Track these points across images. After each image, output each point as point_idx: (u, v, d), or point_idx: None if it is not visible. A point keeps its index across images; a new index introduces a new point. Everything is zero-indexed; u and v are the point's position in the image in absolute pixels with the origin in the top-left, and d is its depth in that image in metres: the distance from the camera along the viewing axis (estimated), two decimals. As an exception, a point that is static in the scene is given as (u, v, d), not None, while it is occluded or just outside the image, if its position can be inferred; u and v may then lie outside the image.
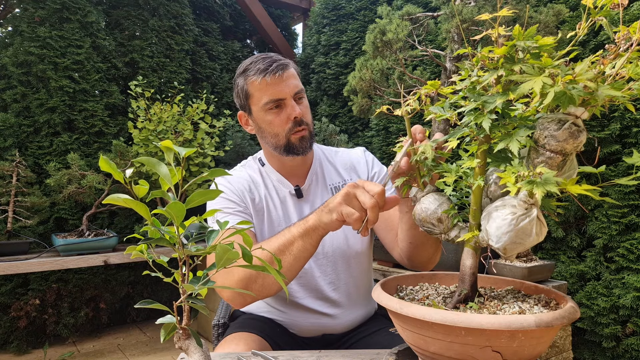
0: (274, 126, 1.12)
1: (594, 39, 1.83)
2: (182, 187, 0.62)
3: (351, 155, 1.30)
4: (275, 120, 1.11)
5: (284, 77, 1.10)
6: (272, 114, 1.11)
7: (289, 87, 1.10)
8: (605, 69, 0.53)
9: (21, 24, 2.66)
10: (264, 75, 1.08)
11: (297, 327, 1.17)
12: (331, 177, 1.24)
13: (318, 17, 3.46)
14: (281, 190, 1.20)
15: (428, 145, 0.71)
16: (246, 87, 1.13)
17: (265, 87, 1.09)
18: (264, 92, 1.10)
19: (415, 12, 1.81)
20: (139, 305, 0.62)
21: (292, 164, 1.19)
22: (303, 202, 1.20)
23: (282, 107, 1.11)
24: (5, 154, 2.54)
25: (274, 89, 1.09)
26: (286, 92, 1.10)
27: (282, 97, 1.10)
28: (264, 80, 1.08)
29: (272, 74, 1.08)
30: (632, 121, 1.70)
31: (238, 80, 1.16)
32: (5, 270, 2.11)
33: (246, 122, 1.21)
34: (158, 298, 3.24)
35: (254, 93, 1.12)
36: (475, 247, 0.66)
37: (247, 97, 1.14)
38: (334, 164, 1.28)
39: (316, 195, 1.21)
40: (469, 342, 0.56)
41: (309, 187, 1.21)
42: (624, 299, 1.69)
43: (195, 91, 3.41)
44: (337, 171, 1.26)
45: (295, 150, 1.13)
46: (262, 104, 1.10)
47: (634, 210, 1.72)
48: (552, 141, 0.56)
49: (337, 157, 1.30)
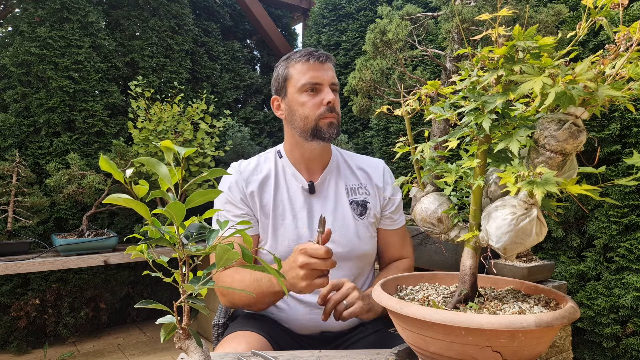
0: (306, 108, 1.17)
1: (594, 39, 1.83)
2: (182, 187, 0.62)
3: (370, 163, 1.34)
4: (309, 102, 1.17)
5: (325, 66, 1.18)
6: (307, 96, 1.17)
7: (327, 75, 1.18)
8: (605, 69, 0.53)
9: (21, 24, 2.66)
10: (307, 58, 1.17)
11: (297, 323, 1.18)
12: (347, 178, 1.28)
13: (318, 17, 3.46)
14: (293, 185, 1.23)
15: (427, 145, 0.71)
16: (287, 70, 1.20)
17: (307, 70, 1.17)
18: (304, 74, 1.17)
19: (415, 12, 1.81)
20: (139, 305, 0.62)
21: (311, 155, 1.23)
22: (314, 198, 1.23)
23: (318, 91, 1.17)
24: (5, 154, 2.54)
25: (314, 72, 1.16)
26: (324, 79, 1.17)
27: (319, 82, 1.16)
28: (307, 63, 1.17)
29: (315, 58, 1.17)
30: (632, 121, 1.70)
31: (279, 66, 1.23)
32: (5, 270, 2.11)
33: (277, 107, 1.26)
34: (158, 298, 3.24)
35: (294, 75, 1.18)
36: (475, 247, 0.66)
37: (285, 79, 1.21)
38: (351, 166, 1.31)
39: (329, 192, 1.25)
40: (469, 342, 0.56)
41: (323, 184, 1.25)
42: (624, 299, 1.69)
43: (195, 91, 3.41)
44: (354, 173, 1.30)
45: (322, 134, 1.17)
46: (300, 85, 1.17)
47: (634, 210, 1.72)
48: (552, 141, 0.56)
49: (355, 160, 1.34)
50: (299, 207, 1.21)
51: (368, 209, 1.24)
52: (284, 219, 1.19)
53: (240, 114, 3.69)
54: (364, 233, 1.22)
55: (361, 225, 1.22)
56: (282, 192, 1.22)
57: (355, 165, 1.32)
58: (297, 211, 1.20)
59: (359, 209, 1.24)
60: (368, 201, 1.25)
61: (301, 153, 1.23)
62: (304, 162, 1.24)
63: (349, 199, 1.24)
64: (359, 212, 1.23)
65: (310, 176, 1.24)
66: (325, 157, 1.26)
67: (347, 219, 1.22)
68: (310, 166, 1.24)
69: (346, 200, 1.24)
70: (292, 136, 1.23)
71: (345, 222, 1.21)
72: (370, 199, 1.26)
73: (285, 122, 1.24)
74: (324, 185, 1.25)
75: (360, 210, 1.24)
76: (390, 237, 1.29)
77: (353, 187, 1.27)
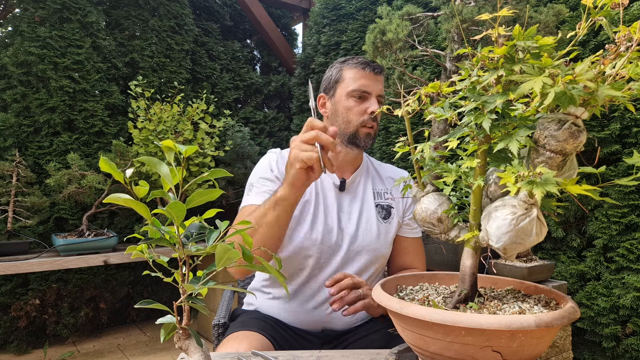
0: (350, 113, 1.22)
1: (594, 39, 1.83)
2: (182, 187, 0.62)
3: (397, 172, 1.40)
4: (355, 108, 1.22)
5: (377, 77, 1.24)
6: (354, 102, 1.22)
7: (377, 87, 1.23)
8: (605, 69, 0.53)
9: (21, 24, 2.66)
10: (363, 67, 1.22)
11: (299, 318, 1.19)
12: (375, 182, 1.33)
13: (318, 17, 3.45)
14: (326, 180, 1.27)
15: (427, 145, 0.71)
16: (341, 73, 1.25)
17: (360, 77, 1.22)
18: (356, 80, 1.22)
19: (415, 12, 1.81)
20: (139, 305, 0.62)
21: (345, 157, 1.27)
22: (344, 195, 1.27)
23: (365, 99, 1.22)
24: (5, 154, 2.54)
25: (366, 81, 1.22)
26: (374, 89, 1.22)
27: (369, 90, 1.22)
28: (362, 71, 1.22)
29: (371, 69, 1.22)
30: (632, 121, 1.70)
31: (334, 66, 1.29)
32: (5, 270, 2.11)
33: (323, 104, 1.31)
34: (158, 298, 3.24)
35: (346, 78, 1.23)
36: (475, 247, 0.66)
37: (337, 81, 1.26)
38: (379, 172, 1.37)
39: (358, 192, 1.29)
40: (469, 342, 0.56)
41: (353, 183, 1.29)
42: (624, 299, 1.69)
43: (195, 91, 3.41)
44: (381, 178, 1.35)
45: (358, 142, 1.23)
46: (350, 90, 1.22)
47: (634, 210, 1.72)
48: (552, 141, 0.56)
49: (383, 168, 1.40)
50: (330, 201, 1.25)
51: (392, 214, 1.29)
52: (318, 211, 1.22)
53: (240, 114, 3.69)
54: (385, 236, 1.26)
55: (383, 228, 1.26)
56: (317, 185, 1.26)
57: (383, 173, 1.37)
58: (328, 205, 1.24)
59: (383, 212, 1.28)
60: (392, 206, 1.30)
61: (335, 155, 1.26)
62: (338, 162, 1.28)
63: (375, 202, 1.29)
64: (383, 216, 1.28)
65: (342, 175, 1.29)
66: (357, 160, 1.31)
67: (371, 220, 1.25)
68: (343, 166, 1.29)
69: (372, 202, 1.28)
70: None
71: (369, 222, 1.25)
72: (394, 205, 1.30)
73: (326, 121, 1.29)
74: (353, 184, 1.29)
75: (384, 214, 1.28)
76: (407, 244, 1.33)
77: (379, 191, 1.31)
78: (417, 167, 0.75)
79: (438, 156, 0.74)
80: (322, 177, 1.26)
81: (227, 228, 0.65)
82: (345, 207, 1.25)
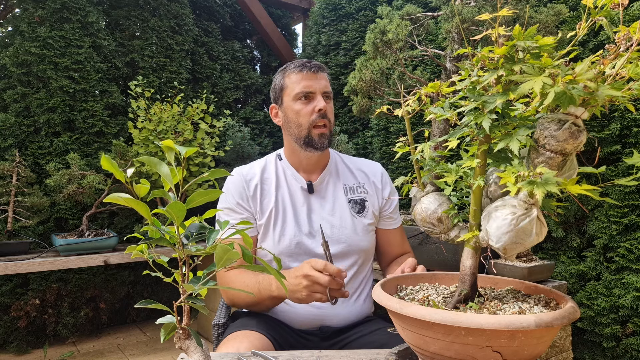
0: (299, 116, 1.24)
1: (594, 39, 1.83)
2: (182, 187, 0.62)
3: (368, 164, 1.42)
4: (302, 110, 1.24)
5: (318, 75, 1.25)
6: (301, 104, 1.24)
7: (320, 84, 1.25)
8: (605, 69, 0.53)
9: (21, 24, 2.66)
10: (301, 69, 1.25)
11: (297, 318, 1.20)
12: (346, 178, 1.35)
13: (318, 17, 3.45)
14: (293, 185, 1.30)
15: (427, 145, 0.71)
16: (283, 80, 1.28)
17: (300, 80, 1.24)
18: (298, 83, 1.24)
19: (415, 12, 1.81)
20: (139, 305, 0.62)
21: (308, 160, 1.30)
22: (313, 197, 1.30)
23: (311, 99, 1.24)
24: (5, 154, 2.54)
25: (307, 82, 1.24)
26: (317, 88, 1.24)
27: (312, 90, 1.24)
28: (301, 74, 1.24)
29: (308, 69, 1.24)
30: (632, 121, 1.70)
31: (277, 76, 1.31)
32: (5, 270, 2.11)
33: (276, 114, 1.34)
34: (158, 298, 3.24)
35: (289, 85, 1.26)
36: (475, 247, 0.66)
37: (281, 89, 1.29)
38: (349, 166, 1.39)
39: (328, 192, 1.31)
40: (469, 342, 0.56)
41: (321, 184, 1.31)
42: (624, 299, 1.69)
43: (195, 91, 3.41)
44: (352, 173, 1.37)
45: (314, 144, 1.24)
46: (294, 94, 1.24)
47: (634, 210, 1.72)
48: (552, 141, 0.56)
49: (353, 162, 1.41)
50: (299, 205, 1.28)
51: (366, 207, 1.31)
52: (286, 217, 1.25)
53: (240, 114, 3.69)
54: (362, 230, 1.28)
55: (359, 222, 1.29)
56: (283, 192, 1.28)
57: (354, 167, 1.39)
58: (298, 209, 1.27)
59: (357, 207, 1.30)
60: (366, 199, 1.32)
61: (299, 158, 1.30)
62: (302, 166, 1.31)
63: (347, 198, 1.31)
64: (357, 210, 1.30)
65: (309, 177, 1.31)
66: (323, 161, 1.33)
67: (345, 217, 1.28)
68: (309, 169, 1.31)
69: (344, 199, 1.31)
70: (289, 142, 1.31)
71: (343, 219, 1.27)
72: (368, 198, 1.32)
73: (283, 129, 1.32)
74: (322, 185, 1.31)
75: (358, 209, 1.30)
76: (392, 235, 1.36)
77: (352, 186, 1.34)
78: (417, 167, 0.75)
79: (438, 156, 0.74)
80: (289, 183, 1.30)
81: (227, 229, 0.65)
82: (316, 208, 1.28)
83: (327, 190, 1.31)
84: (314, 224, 1.25)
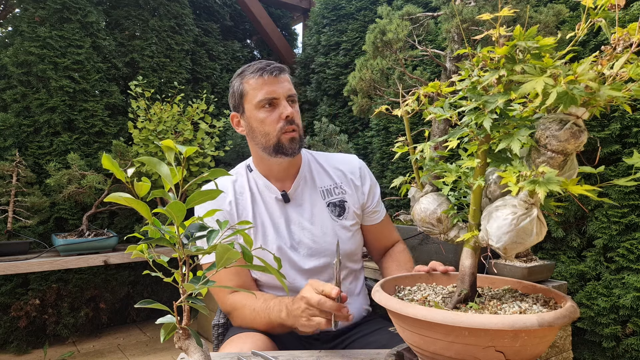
0: (265, 124, 1.15)
1: (594, 39, 1.83)
2: (182, 187, 0.62)
3: (344, 160, 1.33)
4: (267, 118, 1.15)
5: (279, 78, 1.15)
6: (265, 112, 1.15)
7: (283, 88, 1.15)
8: (603, 70, 0.53)
9: (21, 24, 2.66)
10: (260, 74, 1.14)
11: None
12: (322, 180, 1.27)
13: (318, 17, 3.45)
14: (267, 196, 1.22)
15: (427, 145, 0.71)
16: (242, 87, 1.17)
17: (261, 86, 1.14)
18: (259, 90, 1.14)
19: (415, 12, 1.81)
20: (139, 305, 0.62)
21: (279, 167, 1.21)
22: (290, 206, 1.22)
23: (275, 106, 1.15)
24: (5, 154, 2.54)
25: (269, 87, 1.14)
26: (280, 92, 1.15)
27: (275, 96, 1.14)
28: (261, 79, 1.14)
29: (269, 73, 1.14)
30: (632, 121, 1.70)
31: (234, 82, 1.21)
32: (5, 270, 2.11)
33: (237, 123, 1.24)
34: (158, 298, 3.24)
35: (249, 91, 1.16)
36: (474, 247, 0.66)
37: (241, 96, 1.18)
38: (324, 166, 1.30)
39: (304, 199, 1.23)
40: (471, 342, 0.56)
41: (296, 191, 1.23)
42: (624, 299, 1.69)
43: (195, 91, 3.41)
44: (328, 173, 1.29)
45: (285, 150, 1.15)
46: (256, 102, 1.14)
47: (634, 210, 1.72)
48: (553, 141, 0.56)
49: (329, 160, 1.32)
50: (276, 217, 1.20)
51: (346, 208, 1.24)
52: (266, 231, 1.18)
53: (240, 114, 3.68)
54: (344, 233, 1.22)
55: (340, 226, 1.22)
56: (259, 205, 1.21)
57: (329, 165, 1.30)
58: (276, 221, 1.20)
59: (337, 210, 1.24)
60: (345, 200, 1.25)
61: (269, 167, 1.22)
62: (274, 174, 1.22)
63: (325, 202, 1.24)
64: (337, 213, 1.23)
65: (282, 185, 1.23)
66: (294, 166, 1.24)
67: (325, 223, 1.21)
68: (280, 176, 1.23)
69: (322, 203, 1.23)
70: (256, 152, 1.22)
71: (324, 226, 1.21)
72: (347, 198, 1.25)
73: (248, 139, 1.23)
74: (297, 192, 1.23)
75: (338, 211, 1.23)
76: (380, 228, 1.32)
77: (329, 188, 1.26)
78: (416, 167, 0.75)
79: (437, 156, 0.74)
80: (263, 195, 1.22)
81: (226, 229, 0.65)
82: (295, 217, 1.20)
83: (303, 197, 1.23)
84: (294, 235, 1.19)
